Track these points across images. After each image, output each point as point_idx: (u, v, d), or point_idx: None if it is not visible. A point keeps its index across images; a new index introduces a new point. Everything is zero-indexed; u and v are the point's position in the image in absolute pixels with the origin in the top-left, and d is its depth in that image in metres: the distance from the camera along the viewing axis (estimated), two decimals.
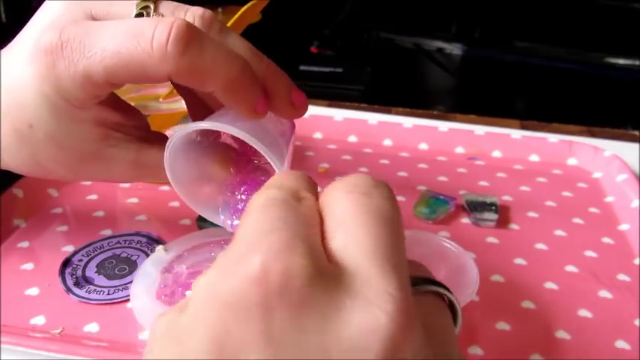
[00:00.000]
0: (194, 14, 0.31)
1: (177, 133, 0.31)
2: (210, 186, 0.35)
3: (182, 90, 0.37)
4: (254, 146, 0.30)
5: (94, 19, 0.32)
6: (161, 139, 0.35)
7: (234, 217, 0.34)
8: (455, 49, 1.63)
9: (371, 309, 0.17)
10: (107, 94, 0.32)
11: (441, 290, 0.21)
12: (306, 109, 0.33)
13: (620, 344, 0.37)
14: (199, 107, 0.36)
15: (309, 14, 1.46)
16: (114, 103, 0.34)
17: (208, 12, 0.31)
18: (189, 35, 0.28)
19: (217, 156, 0.35)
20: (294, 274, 0.16)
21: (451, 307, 0.22)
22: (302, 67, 1.35)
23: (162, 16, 0.31)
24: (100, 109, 0.33)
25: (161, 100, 0.49)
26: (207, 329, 0.17)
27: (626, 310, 0.40)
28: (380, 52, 1.60)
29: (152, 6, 0.31)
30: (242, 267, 0.17)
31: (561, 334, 0.38)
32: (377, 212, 0.19)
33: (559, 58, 1.51)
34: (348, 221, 0.19)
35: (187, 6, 0.32)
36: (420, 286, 0.21)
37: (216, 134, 0.36)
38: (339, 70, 1.36)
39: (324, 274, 0.17)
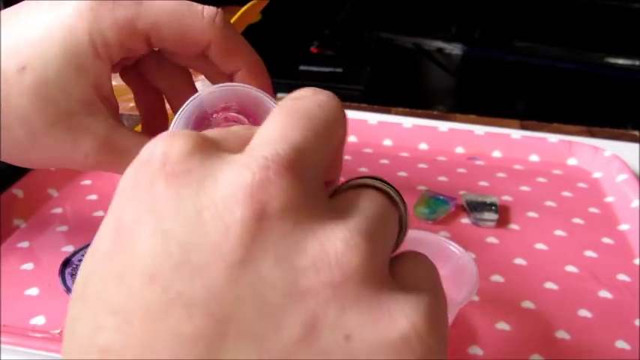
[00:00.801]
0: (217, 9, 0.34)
1: (188, 103, 0.31)
2: None
3: (145, 103, 0.39)
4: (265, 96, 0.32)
5: None
6: (132, 130, 0.36)
7: None
8: (455, 49, 1.63)
9: (240, 169, 0.17)
10: (131, 52, 0.33)
11: (377, 183, 0.20)
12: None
13: (620, 344, 0.37)
14: (151, 114, 0.40)
15: (309, 14, 1.46)
16: (110, 77, 0.35)
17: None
18: (229, 23, 0.34)
19: None
20: (171, 151, 0.17)
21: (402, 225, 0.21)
22: (302, 67, 1.35)
23: None
24: (104, 71, 0.33)
25: None
26: (109, 216, 0.18)
27: (626, 310, 0.40)
28: (380, 52, 1.61)
29: None
30: (137, 157, 0.18)
31: (561, 334, 0.38)
32: (296, 110, 0.19)
33: (559, 58, 1.51)
34: (272, 115, 0.19)
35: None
36: (353, 182, 0.20)
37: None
38: (339, 70, 1.36)
39: (209, 152, 0.17)
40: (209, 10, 0.33)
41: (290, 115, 0.19)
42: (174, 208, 0.16)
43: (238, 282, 0.15)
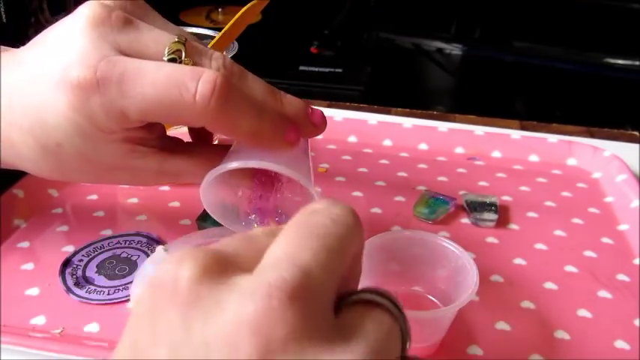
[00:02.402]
0: (218, 63, 0.33)
1: (213, 172, 0.33)
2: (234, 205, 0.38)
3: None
4: (292, 177, 0.33)
5: (122, 53, 0.32)
6: (179, 147, 0.37)
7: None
8: (454, 49, 1.63)
9: (244, 299, 0.17)
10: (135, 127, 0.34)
11: (378, 299, 0.20)
12: (325, 124, 0.36)
13: (620, 344, 0.37)
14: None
15: (309, 14, 1.46)
16: (137, 129, 0.35)
17: (229, 60, 0.33)
18: (229, 92, 0.31)
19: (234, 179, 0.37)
20: (181, 277, 0.18)
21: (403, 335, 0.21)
22: (302, 67, 1.35)
23: (193, 60, 0.32)
24: (125, 135, 0.34)
25: None
26: (125, 336, 0.19)
27: (626, 310, 0.40)
28: (380, 52, 1.61)
29: (183, 51, 0.32)
30: (150, 281, 0.19)
31: (561, 334, 0.38)
32: (308, 225, 0.19)
33: (559, 58, 1.51)
34: (284, 232, 0.20)
35: (210, 50, 0.33)
36: (357, 296, 0.20)
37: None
38: (339, 70, 1.37)
39: (220, 275, 0.18)
40: (202, 93, 0.30)
41: (301, 233, 0.19)
42: (184, 338, 0.17)
43: None
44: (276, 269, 0.18)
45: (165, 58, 0.32)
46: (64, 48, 0.32)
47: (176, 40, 0.32)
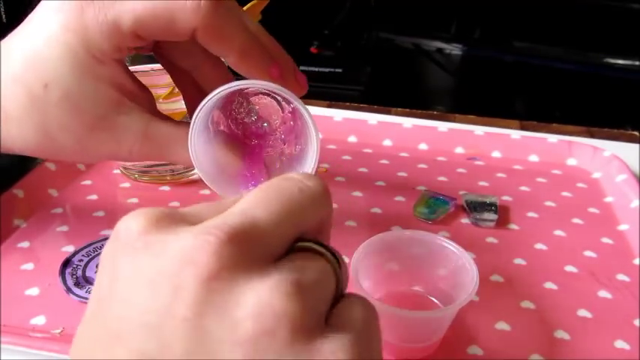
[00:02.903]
0: None
1: (207, 100, 0.32)
2: (221, 167, 0.36)
3: (182, 83, 0.38)
4: (286, 95, 0.32)
5: None
6: (169, 118, 0.36)
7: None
8: (454, 49, 1.63)
9: (185, 236, 0.19)
10: (129, 48, 0.33)
11: (313, 245, 0.21)
12: (306, 89, 0.36)
13: (620, 344, 0.37)
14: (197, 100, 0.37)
15: (309, 14, 1.46)
16: (129, 72, 0.35)
17: None
18: (221, 1, 0.31)
19: (222, 143, 0.36)
20: (133, 227, 0.20)
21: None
22: (302, 68, 1.35)
23: None
24: (118, 71, 0.34)
25: (161, 100, 0.49)
26: (94, 283, 0.21)
27: (626, 310, 0.40)
28: (380, 52, 1.61)
29: None
30: (113, 231, 0.21)
31: (561, 334, 0.38)
32: (274, 189, 0.21)
33: (559, 58, 1.51)
34: (246, 195, 0.22)
35: None
36: (297, 244, 0.21)
37: (224, 126, 0.37)
38: (339, 70, 1.37)
39: (164, 227, 0.20)
40: None
41: (265, 193, 0.21)
42: (134, 278, 0.19)
43: (187, 337, 0.18)
44: (222, 217, 0.20)
45: None
46: None
47: None
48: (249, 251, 0.19)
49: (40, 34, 0.32)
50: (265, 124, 0.38)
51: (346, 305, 0.21)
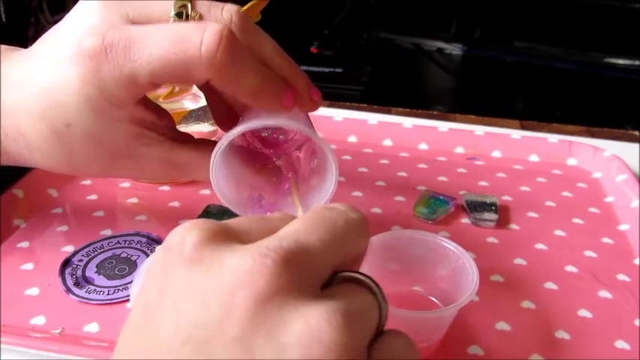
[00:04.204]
0: (230, 14, 0.33)
1: (225, 139, 0.33)
2: (241, 186, 0.37)
3: (208, 94, 0.39)
4: (303, 132, 0.34)
5: (131, 22, 0.32)
6: (189, 140, 0.37)
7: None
8: (455, 49, 1.63)
9: (244, 255, 0.19)
10: (146, 93, 0.34)
11: (360, 277, 0.22)
12: (320, 104, 0.37)
13: (620, 344, 0.37)
14: (222, 109, 0.39)
15: (309, 14, 1.46)
16: (147, 104, 0.36)
17: (241, 13, 0.33)
18: (236, 45, 0.31)
19: (244, 158, 0.37)
20: (188, 240, 0.20)
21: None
22: (302, 67, 1.35)
23: (200, 15, 0.32)
24: (136, 109, 0.34)
25: (161, 100, 0.49)
26: (140, 293, 0.21)
27: (626, 310, 0.40)
28: (380, 52, 1.60)
29: (189, 4, 0.32)
30: (165, 241, 0.21)
31: (561, 334, 0.38)
32: (322, 217, 0.22)
33: (559, 58, 1.51)
34: (301, 217, 0.22)
35: (220, 3, 0.33)
36: (341, 274, 0.22)
37: (241, 140, 0.38)
38: (339, 70, 1.36)
39: (222, 241, 0.21)
40: (208, 45, 0.30)
41: (314, 220, 0.22)
42: (186, 291, 0.19)
43: (233, 355, 0.18)
44: (278, 239, 0.20)
45: (172, 14, 0.32)
46: (78, 26, 0.33)
47: None
48: (302, 276, 0.20)
49: (57, 82, 0.33)
50: (282, 136, 0.39)
51: (388, 340, 0.21)
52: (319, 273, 0.21)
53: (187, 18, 0.32)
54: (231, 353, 0.18)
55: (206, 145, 0.37)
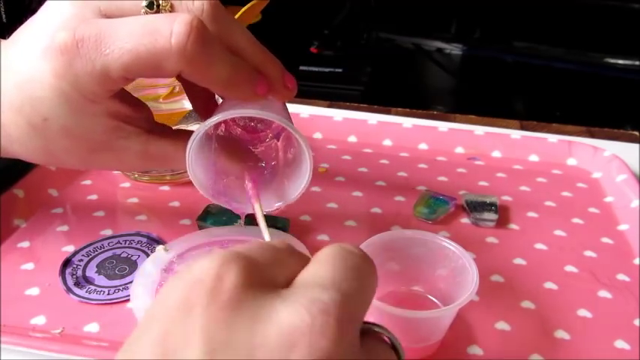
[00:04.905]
0: (202, 3, 0.32)
1: (200, 128, 0.33)
2: (218, 175, 0.37)
3: (186, 84, 0.39)
4: (276, 121, 0.33)
5: (104, 16, 0.32)
6: (167, 131, 0.37)
7: (242, 203, 0.37)
8: (454, 49, 1.63)
9: (298, 309, 0.18)
10: (120, 87, 0.34)
11: (380, 330, 0.22)
12: (296, 91, 0.36)
13: (620, 344, 0.37)
14: (201, 99, 0.39)
15: (309, 14, 1.46)
16: (124, 97, 0.35)
17: (213, 2, 0.32)
18: (206, 36, 0.30)
19: (222, 148, 0.37)
20: (226, 277, 0.18)
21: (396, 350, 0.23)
22: (302, 68, 1.35)
23: (172, 4, 0.32)
24: (112, 103, 0.34)
25: (161, 100, 0.49)
26: (154, 329, 0.19)
27: (626, 310, 0.40)
28: (380, 52, 1.60)
29: None
30: (183, 275, 0.19)
31: (561, 334, 0.38)
32: (346, 259, 0.22)
33: (559, 58, 1.51)
34: (322, 259, 0.22)
35: None
36: (376, 328, 0.22)
37: (218, 127, 0.38)
38: (339, 70, 1.36)
39: (260, 285, 0.19)
40: (178, 36, 0.30)
41: (342, 265, 0.21)
42: (227, 339, 0.17)
43: None
44: (326, 290, 0.19)
45: (143, 5, 0.32)
46: (50, 21, 0.33)
47: None
48: (348, 333, 0.19)
49: (33, 75, 0.33)
50: (260, 125, 0.39)
51: None
52: (358, 323, 0.21)
53: (158, 8, 0.32)
54: None
55: (183, 135, 0.36)
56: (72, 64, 0.31)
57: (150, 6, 0.32)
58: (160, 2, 0.32)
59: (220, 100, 0.37)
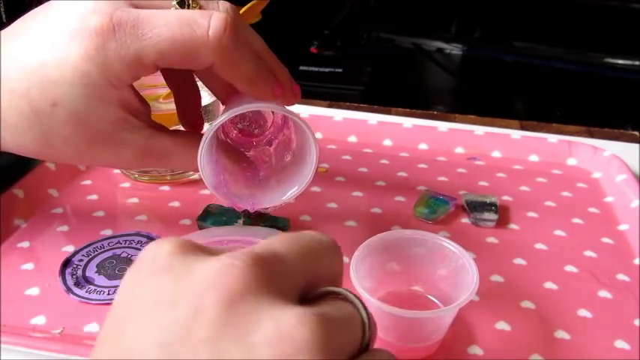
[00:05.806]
0: (224, 7, 0.34)
1: (216, 123, 0.34)
2: (218, 169, 0.38)
3: (178, 95, 0.41)
4: (290, 117, 0.35)
5: (134, 7, 0.33)
6: (165, 129, 0.38)
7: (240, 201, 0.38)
8: (454, 49, 1.63)
9: (213, 260, 0.20)
10: (145, 75, 0.34)
11: (340, 290, 0.22)
12: (300, 97, 0.38)
13: (620, 344, 0.37)
14: (190, 111, 0.41)
15: (309, 14, 1.46)
16: (135, 91, 0.36)
17: (234, 8, 0.34)
18: (238, 33, 0.33)
19: (221, 146, 0.38)
20: (159, 252, 0.20)
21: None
22: (302, 68, 1.35)
23: (200, 6, 0.34)
24: (128, 92, 0.34)
25: (161, 100, 0.49)
26: (111, 308, 0.21)
27: (626, 310, 0.40)
28: (380, 52, 1.60)
29: None
30: (137, 259, 0.21)
31: (561, 334, 0.38)
32: (294, 236, 0.22)
33: (559, 58, 1.51)
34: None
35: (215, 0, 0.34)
36: (323, 289, 0.22)
37: (220, 131, 0.39)
38: (339, 70, 1.36)
39: (189, 252, 0.20)
40: (216, 28, 0.32)
41: (285, 237, 0.22)
42: (154, 297, 0.19)
43: (201, 358, 0.18)
44: (250, 249, 0.20)
45: (174, 3, 0.33)
46: (80, 6, 0.33)
47: None
48: (272, 279, 0.20)
49: (50, 59, 0.33)
50: (257, 130, 0.41)
51: (372, 357, 0.21)
52: (291, 280, 0.21)
53: (188, 7, 0.33)
54: (199, 355, 0.18)
55: (181, 134, 0.38)
56: (105, 46, 0.32)
57: (181, 4, 0.33)
58: (190, 2, 0.33)
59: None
